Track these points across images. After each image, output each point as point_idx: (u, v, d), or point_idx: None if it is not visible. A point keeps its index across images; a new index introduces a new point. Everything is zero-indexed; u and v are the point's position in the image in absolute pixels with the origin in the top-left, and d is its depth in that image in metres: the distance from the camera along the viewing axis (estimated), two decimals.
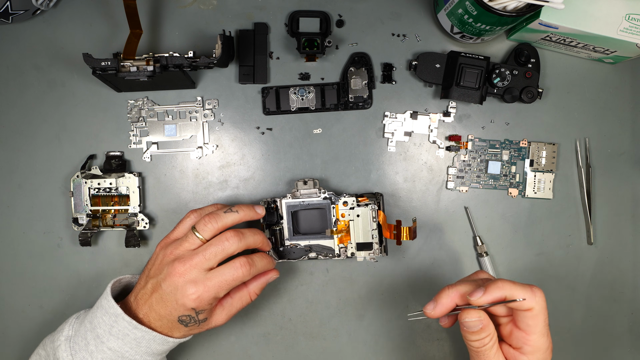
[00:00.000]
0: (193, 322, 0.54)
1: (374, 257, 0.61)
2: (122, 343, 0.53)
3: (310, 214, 0.62)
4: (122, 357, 0.53)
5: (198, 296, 0.51)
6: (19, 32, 0.65)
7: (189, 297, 0.51)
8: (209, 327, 0.56)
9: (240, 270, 0.53)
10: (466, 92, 0.62)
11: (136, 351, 0.53)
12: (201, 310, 0.53)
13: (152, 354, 0.55)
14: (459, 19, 0.59)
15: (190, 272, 0.52)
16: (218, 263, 0.53)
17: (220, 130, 0.66)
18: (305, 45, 0.62)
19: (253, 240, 0.55)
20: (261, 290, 0.59)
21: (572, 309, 0.67)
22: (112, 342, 0.53)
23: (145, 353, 0.54)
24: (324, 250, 0.62)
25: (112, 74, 0.57)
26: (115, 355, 0.53)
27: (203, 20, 0.65)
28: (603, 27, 0.58)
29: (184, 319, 0.53)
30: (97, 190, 0.64)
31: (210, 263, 0.53)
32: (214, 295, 0.52)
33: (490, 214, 0.66)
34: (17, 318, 0.66)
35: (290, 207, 0.61)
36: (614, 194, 0.67)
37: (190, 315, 0.53)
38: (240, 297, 0.57)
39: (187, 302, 0.52)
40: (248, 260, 0.54)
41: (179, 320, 0.53)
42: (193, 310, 0.53)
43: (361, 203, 0.61)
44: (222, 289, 0.53)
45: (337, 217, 0.61)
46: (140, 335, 0.53)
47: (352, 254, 0.62)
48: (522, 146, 0.66)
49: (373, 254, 0.61)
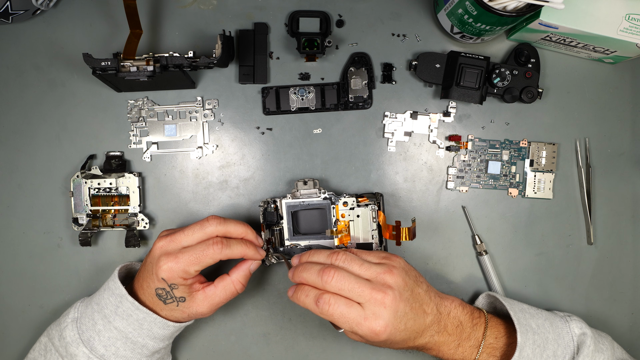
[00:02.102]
0: (170, 298, 0.55)
1: None
2: (126, 323, 0.55)
3: (310, 214, 0.62)
4: (126, 337, 0.55)
5: (168, 267, 0.53)
6: (19, 32, 0.65)
7: (160, 267, 0.53)
8: (190, 312, 0.56)
9: (211, 247, 0.54)
10: (466, 92, 0.62)
11: (139, 333, 0.55)
12: (173, 284, 0.54)
13: (155, 337, 0.56)
14: (459, 19, 0.59)
15: (167, 246, 0.54)
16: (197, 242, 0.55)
17: (220, 130, 0.66)
18: (305, 45, 0.62)
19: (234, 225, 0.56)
20: (246, 279, 0.58)
21: (572, 309, 0.67)
22: (118, 322, 0.55)
23: (147, 336, 0.56)
24: None
25: (112, 74, 0.57)
26: (121, 335, 0.55)
27: (203, 20, 0.65)
28: (603, 27, 0.58)
29: (160, 292, 0.54)
30: (97, 190, 0.64)
31: (188, 240, 0.54)
32: (183, 268, 0.53)
33: (490, 214, 0.66)
34: (17, 318, 0.66)
35: (290, 207, 0.61)
36: (614, 194, 0.67)
37: (165, 288, 0.54)
38: (224, 286, 0.57)
39: (158, 271, 0.53)
40: (222, 240, 0.54)
41: (157, 295, 0.55)
42: (164, 282, 0.54)
43: (361, 203, 0.61)
44: (192, 263, 0.53)
45: (337, 217, 0.61)
46: (142, 317, 0.55)
47: None
48: (522, 146, 0.66)
49: None
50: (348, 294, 0.50)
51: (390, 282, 0.51)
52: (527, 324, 0.55)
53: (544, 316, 0.58)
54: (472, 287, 0.67)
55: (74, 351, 0.55)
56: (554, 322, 0.57)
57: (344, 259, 0.52)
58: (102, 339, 0.55)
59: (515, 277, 0.67)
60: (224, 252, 0.54)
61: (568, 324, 0.57)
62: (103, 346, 0.55)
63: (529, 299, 0.66)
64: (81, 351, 0.55)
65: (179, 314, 0.56)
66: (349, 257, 0.52)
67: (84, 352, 0.55)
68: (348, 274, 0.51)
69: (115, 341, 0.55)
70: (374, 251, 0.56)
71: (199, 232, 0.55)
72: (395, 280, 0.51)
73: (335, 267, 0.51)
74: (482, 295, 0.63)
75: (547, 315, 0.58)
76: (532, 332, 0.55)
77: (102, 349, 0.55)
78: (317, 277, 0.51)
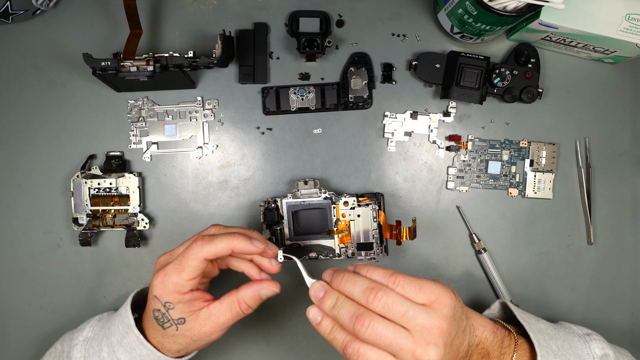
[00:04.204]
0: (167, 321, 0.49)
1: (374, 256, 0.61)
2: (129, 357, 0.51)
3: (310, 214, 0.62)
4: None
5: (158, 282, 0.48)
6: (19, 32, 0.65)
7: (153, 284, 0.49)
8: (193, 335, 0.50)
9: (192, 245, 0.48)
10: (466, 92, 0.62)
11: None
12: (168, 302, 0.48)
13: None
14: (459, 19, 0.59)
15: (165, 261, 0.50)
16: None
17: (220, 130, 0.66)
18: (305, 45, 0.62)
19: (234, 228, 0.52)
20: (253, 301, 0.51)
21: (572, 309, 0.67)
22: (121, 354, 0.51)
23: None
24: (325, 250, 0.62)
25: (112, 74, 0.57)
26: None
27: (203, 20, 0.65)
28: (603, 27, 0.58)
29: (157, 315, 0.49)
30: (97, 190, 0.64)
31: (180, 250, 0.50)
32: (171, 280, 0.47)
33: (490, 214, 0.66)
34: (17, 318, 0.66)
35: (290, 206, 0.61)
36: (614, 194, 0.67)
37: (160, 310, 0.49)
38: (230, 303, 0.50)
39: (152, 289, 0.49)
40: (203, 236, 0.49)
41: (155, 318, 0.50)
42: (158, 302, 0.48)
43: (362, 203, 0.61)
44: (177, 270, 0.48)
45: (337, 217, 0.61)
46: (145, 353, 0.51)
47: (352, 253, 0.62)
48: (522, 146, 0.66)
49: (373, 253, 0.61)
50: (385, 340, 0.43)
51: (436, 340, 0.44)
52: (547, 346, 0.52)
53: (563, 336, 0.55)
54: (472, 287, 0.67)
55: None
56: (573, 343, 0.54)
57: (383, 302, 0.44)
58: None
59: (515, 277, 0.67)
60: (206, 249, 0.48)
61: (588, 344, 0.54)
62: None
63: (529, 299, 0.67)
64: None
65: (182, 339, 0.50)
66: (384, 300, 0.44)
67: None
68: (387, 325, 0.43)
69: None
70: (422, 282, 0.46)
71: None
72: (442, 339, 0.44)
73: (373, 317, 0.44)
74: (497, 303, 0.60)
75: (565, 334, 0.56)
76: (554, 355, 0.52)
77: None
78: (362, 295, 0.44)
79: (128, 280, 0.66)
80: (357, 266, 0.48)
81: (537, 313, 0.67)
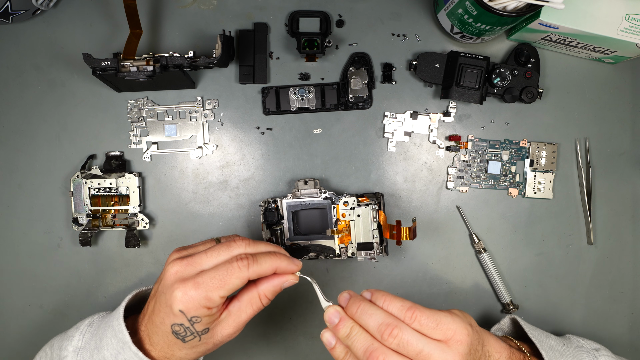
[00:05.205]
0: (190, 334, 0.46)
1: (374, 257, 0.61)
2: None
3: (310, 214, 0.62)
4: None
5: (189, 297, 0.44)
6: (19, 32, 0.65)
7: (175, 297, 0.44)
8: (215, 341, 0.48)
9: (236, 264, 0.45)
10: (466, 92, 0.62)
11: None
12: (195, 317, 0.45)
13: None
14: (459, 19, 0.59)
15: (184, 271, 0.46)
16: None
17: (220, 130, 0.66)
18: (305, 45, 0.62)
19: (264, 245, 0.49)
20: (274, 294, 0.50)
21: (572, 309, 0.67)
22: None
23: None
24: (325, 250, 0.62)
25: (112, 74, 0.57)
26: None
27: (203, 20, 0.65)
28: (603, 27, 0.58)
29: (177, 329, 0.46)
30: (97, 190, 0.64)
31: (211, 262, 0.46)
32: (205, 295, 0.44)
33: (490, 214, 0.66)
34: (17, 318, 0.66)
35: (290, 206, 0.61)
36: (614, 194, 0.67)
37: (183, 324, 0.46)
38: (250, 299, 0.49)
39: (174, 302, 0.45)
40: (248, 255, 0.47)
41: (173, 332, 0.46)
42: (183, 316, 0.45)
43: (362, 203, 0.61)
44: (215, 287, 0.45)
45: (337, 217, 0.61)
46: None
47: (352, 254, 0.62)
48: (522, 146, 0.66)
49: (373, 253, 0.61)
50: None
51: None
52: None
53: (572, 352, 0.55)
54: (472, 287, 0.67)
55: None
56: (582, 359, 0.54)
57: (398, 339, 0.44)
58: None
59: (515, 277, 0.67)
60: (252, 269, 0.46)
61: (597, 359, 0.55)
62: None
63: (529, 298, 0.67)
64: None
65: (202, 348, 0.48)
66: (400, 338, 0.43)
67: None
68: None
69: None
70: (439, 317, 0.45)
71: (225, 254, 0.47)
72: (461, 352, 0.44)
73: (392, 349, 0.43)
74: (507, 318, 0.60)
75: (574, 350, 0.55)
76: None
77: None
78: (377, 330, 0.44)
79: (128, 281, 0.66)
80: (374, 293, 0.46)
81: (537, 313, 0.67)
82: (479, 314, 0.67)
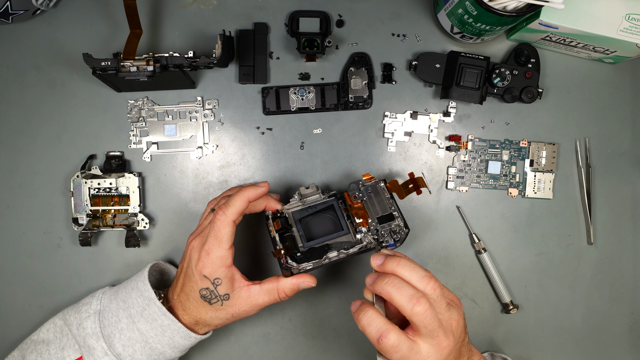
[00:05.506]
0: (215, 297, 0.54)
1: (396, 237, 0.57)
2: (150, 327, 0.54)
3: (320, 217, 0.60)
4: (146, 342, 0.55)
5: (202, 260, 0.53)
6: (19, 32, 0.65)
7: (198, 262, 0.53)
8: (234, 312, 0.55)
9: (216, 218, 0.53)
10: (466, 92, 0.62)
11: (160, 339, 0.55)
12: (217, 278, 0.53)
13: (174, 346, 0.55)
14: (459, 19, 0.59)
15: (198, 244, 0.54)
16: None
17: (220, 130, 0.66)
18: (305, 45, 0.62)
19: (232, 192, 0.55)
20: (292, 292, 0.56)
21: (572, 309, 0.67)
22: (142, 324, 0.55)
23: (167, 344, 0.55)
24: (344, 244, 0.58)
25: (112, 74, 0.57)
26: (142, 338, 0.55)
27: (203, 20, 0.65)
28: (603, 27, 0.58)
29: (205, 293, 0.54)
30: (97, 190, 0.64)
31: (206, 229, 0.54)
32: (215, 255, 0.52)
33: (490, 214, 0.66)
34: (17, 318, 0.66)
35: (296, 214, 0.60)
36: (614, 194, 0.67)
37: (209, 288, 0.53)
38: (269, 290, 0.55)
39: (199, 267, 0.53)
40: (221, 205, 0.54)
41: (202, 296, 0.54)
42: (207, 280, 0.53)
43: (367, 183, 0.59)
44: (216, 244, 0.52)
45: (349, 203, 0.58)
46: (166, 324, 0.54)
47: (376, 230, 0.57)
48: (522, 146, 0.66)
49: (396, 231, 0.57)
50: None
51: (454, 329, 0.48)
52: None
53: None
54: (472, 287, 0.67)
55: (93, 344, 0.55)
56: None
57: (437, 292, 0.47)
58: (123, 338, 0.55)
59: (515, 277, 0.67)
60: (229, 211, 0.53)
61: None
62: (122, 345, 0.55)
63: (529, 298, 0.67)
64: (100, 345, 0.55)
65: (223, 314, 0.55)
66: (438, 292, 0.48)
67: (102, 347, 0.54)
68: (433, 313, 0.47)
69: (134, 342, 0.55)
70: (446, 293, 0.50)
71: (210, 216, 0.55)
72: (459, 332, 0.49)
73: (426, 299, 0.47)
74: (486, 354, 0.64)
75: None
76: None
77: (120, 347, 0.55)
78: (408, 301, 0.46)
79: None
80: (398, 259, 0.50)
81: (537, 313, 0.67)
82: (479, 314, 0.67)
